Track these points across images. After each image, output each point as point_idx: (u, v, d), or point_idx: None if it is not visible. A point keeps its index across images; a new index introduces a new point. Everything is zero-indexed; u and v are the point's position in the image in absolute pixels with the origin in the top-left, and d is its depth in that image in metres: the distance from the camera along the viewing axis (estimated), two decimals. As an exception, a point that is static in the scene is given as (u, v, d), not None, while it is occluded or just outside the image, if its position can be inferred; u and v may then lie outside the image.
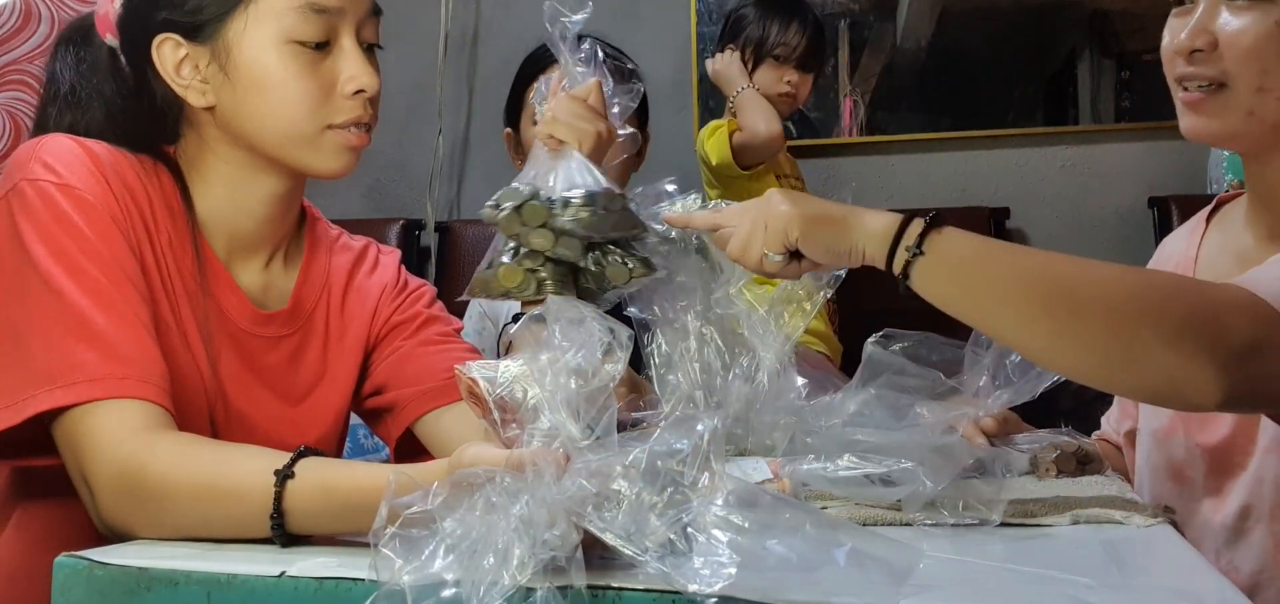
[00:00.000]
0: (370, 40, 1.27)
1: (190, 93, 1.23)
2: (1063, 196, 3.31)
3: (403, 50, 3.55)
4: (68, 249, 1.12)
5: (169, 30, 1.22)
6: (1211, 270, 1.42)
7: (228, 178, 1.26)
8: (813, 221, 1.13)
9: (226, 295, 1.27)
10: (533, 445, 0.83)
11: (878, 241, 1.09)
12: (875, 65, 3.37)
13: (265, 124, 1.22)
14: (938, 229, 1.07)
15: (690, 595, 0.74)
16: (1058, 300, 1.03)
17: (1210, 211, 1.48)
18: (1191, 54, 1.30)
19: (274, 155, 1.24)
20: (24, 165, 1.16)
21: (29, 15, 2.87)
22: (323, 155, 1.24)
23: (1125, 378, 1.03)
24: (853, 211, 1.13)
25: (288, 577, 0.83)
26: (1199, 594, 0.84)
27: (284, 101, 1.21)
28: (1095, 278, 1.04)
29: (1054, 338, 1.04)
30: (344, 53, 1.23)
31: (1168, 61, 1.35)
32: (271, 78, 1.21)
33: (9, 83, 2.85)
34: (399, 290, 1.41)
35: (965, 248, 1.07)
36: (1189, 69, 1.31)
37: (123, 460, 1.04)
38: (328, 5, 1.21)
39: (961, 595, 0.84)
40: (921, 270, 1.06)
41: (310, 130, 1.22)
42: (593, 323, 0.86)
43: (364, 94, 1.23)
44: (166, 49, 1.22)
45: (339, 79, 1.23)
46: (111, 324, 1.10)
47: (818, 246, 1.13)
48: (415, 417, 1.35)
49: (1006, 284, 1.06)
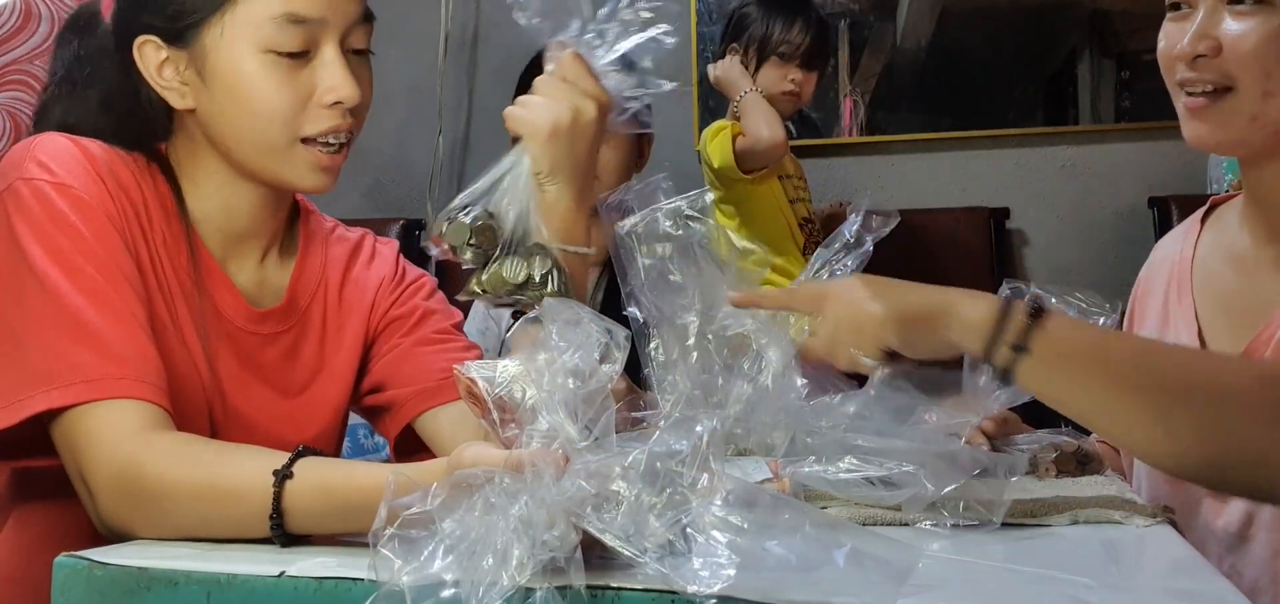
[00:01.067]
0: (358, 46, 1.24)
1: (171, 94, 1.22)
2: (1063, 196, 3.31)
3: (403, 50, 3.55)
4: (64, 248, 1.12)
5: (150, 33, 1.21)
6: (1206, 271, 1.42)
7: (215, 179, 1.26)
8: (909, 324, 1.08)
9: (222, 293, 1.26)
10: (532, 446, 0.83)
11: (976, 335, 1.05)
12: (875, 65, 3.37)
13: (240, 132, 1.21)
14: (1040, 321, 1.03)
15: (689, 596, 0.74)
16: (1181, 395, 1.01)
17: (1205, 213, 1.48)
18: (1194, 59, 1.29)
19: (248, 166, 1.23)
20: (19, 164, 1.16)
21: (29, 15, 2.87)
22: (295, 169, 1.22)
23: (1248, 476, 1.02)
24: (946, 301, 1.08)
25: (287, 577, 0.83)
26: (1199, 594, 0.84)
27: (257, 112, 1.19)
28: (1216, 372, 1.02)
29: (1174, 437, 1.01)
30: (325, 63, 1.20)
31: (1167, 66, 1.34)
32: (246, 86, 1.18)
33: (9, 83, 2.85)
34: (397, 282, 1.40)
35: (1072, 341, 1.03)
36: (1191, 74, 1.30)
37: (121, 461, 1.04)
38: (307, 16, 1.18)
39: (961, 595, 0.84)
40: (1027, 369, 1.03)
41: (282, 141, 1.20)
42: (590, 324, 0.86)
43: (342, 105, 1.21)
44: (148, 50, 1.22)
45: (317, 89, 1.20)
46: (108, 324, 1.10)
47: (916, 348, 1.08)
48: (414, 415, 1.34)
49: (1120, 382, 1.02)
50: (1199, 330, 1.39)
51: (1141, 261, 1.58)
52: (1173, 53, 1.32)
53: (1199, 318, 1.40)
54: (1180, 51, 1.30)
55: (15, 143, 1.23)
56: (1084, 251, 3.26)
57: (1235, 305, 1.37)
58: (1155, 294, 1.49)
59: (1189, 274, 1.43)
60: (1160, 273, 1.49)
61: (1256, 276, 1.36)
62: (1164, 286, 1.47)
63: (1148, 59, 3.21)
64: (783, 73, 2.70)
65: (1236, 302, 1.37)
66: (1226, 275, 1.40)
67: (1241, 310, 1.36)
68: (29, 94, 2.84)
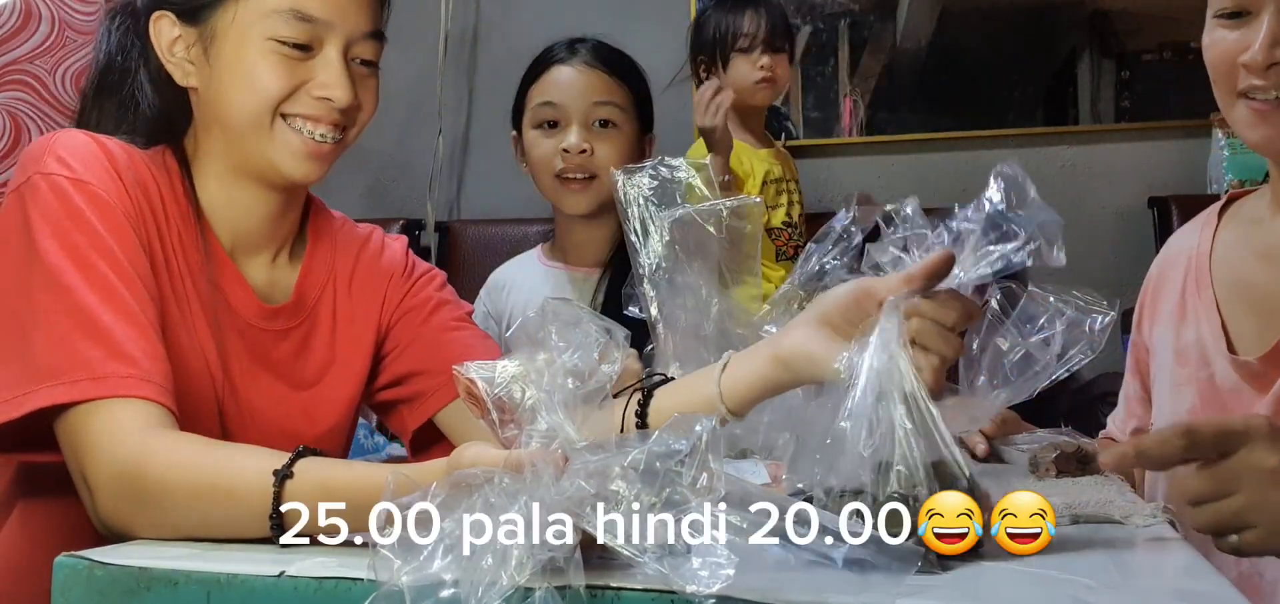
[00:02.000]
0: (366, 57, 1.27)
1: (176, 70, 1.26)
2: (1063, 196, 3.31)
3: (403, 50, 3.53)
4: (79, 244, 1.12)
5: (166, 8, 1.25)
6: (1227, 264, 1.41)
7: (220, 171, 1.27)
8: None
9: (234, 288, 1.27)
10: (532, 446, 0.83)
11: None
12: (875, 65, 3.37)
13: (231, 109, 1.23)
14: None
15: (688, 596, 0.74)
16: None
17: (1222, 208, 1.47)
18: (1269, 68, 1.29)
19: (239, 145, 1.25)
20: (38, 159, 1.16)
21: (29, 15, 2.87)
22: (276, 147, 1.24)
23: None
24: None
25: (288, 577, 0.83)
26: (1199, 594, 0.84)
27: (249, 88, 1.22)
28: None
29: None
30: (325, 63, 1.23)
31: (1225, 72, 1.33)
32: (246, 66, 1.22)
33: (9, 83, 2.85)
34: (407, 276, 1.41)
35: None
36: (1262, 81, 1.30)
37: (122, 461, 1.04)
38: (314, 15, 1.22)
39: (961, 595, 0.84)
40: None
41: (266, 116, 1.23)
42: (589, 324, 0.86)
43: (331, 103, 1.23)
44: (163, 25, 1.26)
45: (313, 80, 1.23)
46: (118, 322, 1.10)
47: None
48: (439, 406, 1.35)
49: None
50: (1222, 323, 1.39)
51: (1142, 261, 1.57)
52: (1237, 60, 1.31)
53: (1221, 309, 1.40)
54: (1250, 59, 1.29)
55: (15, 142, 1.24)
56: (1084, 251, 3.26)
57: (1264, 300, 1.37)
58: (1170, 288, 1.48)
59: (1207, 267, 1.43)
60: (1175, 268, 1.48)
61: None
62: (1180, 281, 1.46)
63: (1148, 59, 3.23)
64: (751, 63, 2.71)
65: (1266, 296, 1.37)
66: (1254, 270, 1.39)
67: (1271, 304, 1.36)
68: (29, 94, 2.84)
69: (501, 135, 2.20)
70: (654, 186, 1.27)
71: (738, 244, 1.33)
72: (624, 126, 2.03)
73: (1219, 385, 1.37)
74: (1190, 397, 1.41)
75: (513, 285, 2.13)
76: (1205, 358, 1.40)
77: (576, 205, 2.03)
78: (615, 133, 2.02)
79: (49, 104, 2.82)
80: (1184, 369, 1.42)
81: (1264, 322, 1.35)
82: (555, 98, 2.03)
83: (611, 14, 3.37)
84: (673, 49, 3.42)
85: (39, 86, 2.85)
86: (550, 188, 2.05)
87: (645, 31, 3.29)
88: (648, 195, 1.25)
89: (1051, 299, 1.09)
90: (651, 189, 1.27)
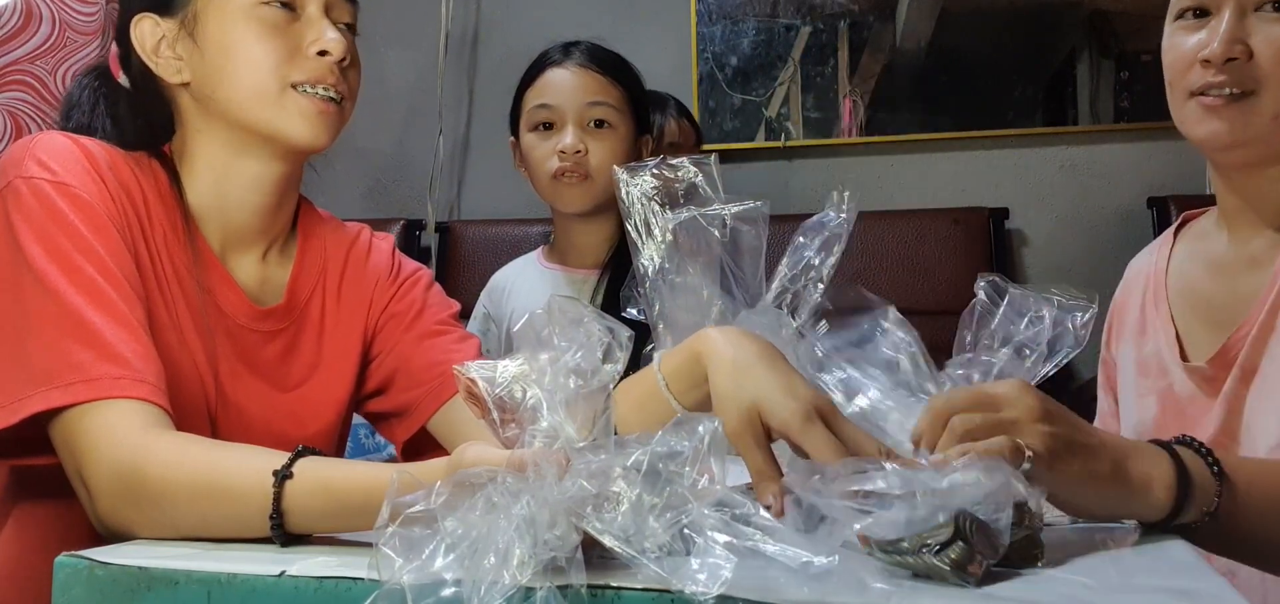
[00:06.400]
0: (343, 20, 1.30)
1: (167, 71, 1.26)
2: (1062, 196, 3.32)
3: (403, 50, 3.55)
4: (63, 247, 1.12)
5: (146, 8, 1.26)
6: (1182, 280, 1.45)
7: (213, 165, 1.27)
8: None
9: (223, 290, 1.27)
10: (534, 446, 0.83)
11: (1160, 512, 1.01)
12: (875, 65, 3.37)
13: (233, 86, 1.24)
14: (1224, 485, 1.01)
15: (689, 596, 0.74)
16: None
17: (1177, 227, 1.52)
18: (1226, 63, 1.31)
19: (244, 120, 1.25)
20: (18, 162, 1.16)
21: (30, 15, 2.87)
22: (288, 116, 1.25)
23: None
24: (1118, 466, 0.99)
25: (288, 576, 0.83)
26: (1199, 594, 0.84)
27: (248, 60, 1.24)
28: None
29: None
30: (309, 21, 1.26)
31: (1182, 70, 1.36)
32: (238, 38, 1.24)
33: (9, 83, 2.85)
34: (393, 278, 1.41)
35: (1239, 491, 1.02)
36: (1218, 77, 1.32)
37: (120, 462, 1.04)
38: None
39: (960, 595, 0.84)
40: None
41: (273, 87, 1.24)
42: (592, 323, 0.86)
43: (329, 57, 1.25)
44: (145, 27, 1.26)
45: (304, 41, 1.25)
46: (108, 324, 1.10)
47: None
48: (429, 415, 1.35)
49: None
50: (1177, 335, 1.43)
51: (1141, 262, 1.60)
52: (1197, 56, 1.33)
53: (1176, 321, 1.44)
54: (1212, 54, 1.31)
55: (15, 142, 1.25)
56: (1083, 252, 3.27)
57: (1212, 308, 1.41)
58: (1131, 307, 1.53)
59: (1164, 284, 1.47)
60: (1135, 287, 1.53)
61: (1235, 277, 1.40)
62: (1140, 299, 1.51)
63: (1147, 59, 3.23)
64: None
65: (1214, 304, 1.41)
66: (1204, 281, 1.44)
67: (1219, 312, 1.39)
68: (29, 94, 2.84)
69: (501, 136, 2.20)
70: (656, 186, 1.27)
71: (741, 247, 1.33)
72: (619, 127, 2.04)
73: (1178, 394, 1.41)
74: (1153, 406, 1.45)
75: (513, 288, 2.14)
76: (1163, 368, 1.44)
77: (573, 202, 2.03)
78: (610, 133, 2.03)
79: (49, 104, 2.82)
80: (1146, 380, 1.46)
81: (1213, 329, 1.39)
82: (550, 99, 2.04)
83: (611, 15, 3.37)
84: (673, 49, 3.43)
85: (39, 87, 2.85)
86: (548, 189, 2.05)
87: (645, 32, 3.30)
88: (650, 195, 1.25)
89: (1031, 298, 1.11)
90: (654, 189, 1.27)
